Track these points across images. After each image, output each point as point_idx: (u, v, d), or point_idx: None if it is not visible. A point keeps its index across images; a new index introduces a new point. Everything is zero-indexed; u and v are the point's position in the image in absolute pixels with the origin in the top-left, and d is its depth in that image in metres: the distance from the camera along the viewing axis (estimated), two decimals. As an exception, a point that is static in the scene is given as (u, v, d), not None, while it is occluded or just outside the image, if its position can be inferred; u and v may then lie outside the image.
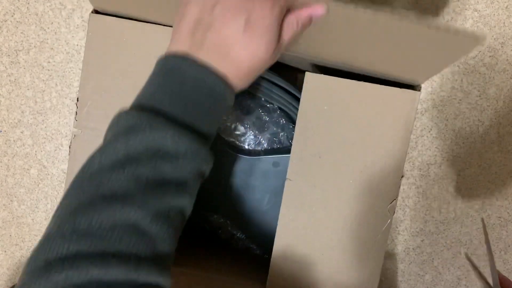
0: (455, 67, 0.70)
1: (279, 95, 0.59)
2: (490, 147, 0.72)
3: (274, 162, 0.62)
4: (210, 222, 0.70)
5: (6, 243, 0.84)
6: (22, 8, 0.74)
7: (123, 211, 0.33)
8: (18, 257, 0.84)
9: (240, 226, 0.66)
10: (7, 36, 0.74)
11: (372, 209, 0.54)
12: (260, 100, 0.63)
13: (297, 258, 0.56)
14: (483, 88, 0.71)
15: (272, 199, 0.64)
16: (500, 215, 0.74)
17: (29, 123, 0.77)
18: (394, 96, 0.52)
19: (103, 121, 0.41)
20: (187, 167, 0.36)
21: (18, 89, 0.76)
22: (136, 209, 0.34)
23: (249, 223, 0.65)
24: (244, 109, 0.63)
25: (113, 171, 0.34)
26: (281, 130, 0.63)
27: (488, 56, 0.70)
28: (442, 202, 0.74)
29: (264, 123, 0.63)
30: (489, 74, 0.70)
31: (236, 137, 0.63)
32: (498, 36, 0.69)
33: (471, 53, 0.69)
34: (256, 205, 0.64)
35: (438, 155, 0.73)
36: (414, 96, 0.52)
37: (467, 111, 0.71)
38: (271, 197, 0.64)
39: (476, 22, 0.69)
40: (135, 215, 0.34)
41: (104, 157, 0.35)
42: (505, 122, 0.71)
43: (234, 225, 0.67)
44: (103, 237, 0.33)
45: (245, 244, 0.69)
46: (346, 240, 0.55)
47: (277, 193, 0.63)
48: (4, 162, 0.78)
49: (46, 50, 0.75)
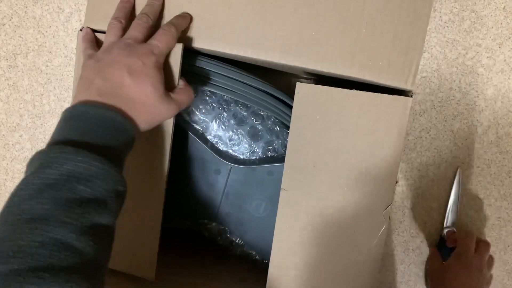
0: (453, 68, 0.70)
1: (271, 104, 0.59)
2: (488, 147, 0.72)
3: (268, 171, 0.62)
4: (209, 229, 0.70)
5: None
6: (20, 12, 0.74)
7: (49, 230, 0.36)
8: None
9: (238, 233, 0.66)
10: (5, 40, 0.74)
11: (367, 215, 0.54)
12: (253, 108, 0.63)
13: (294, 266, 0.56)
14: (481, 89, 0.71)
15: (268, 206, 0.64)
16: (500, 215, 0.74)
17: (28, 126, 0.77)
18: (385, 103, 0.52)
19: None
20: (102, 186, 0.40)
21: (16, 93, 0.76)
22: (61, 227, 0.37)
23: (247, 230, 0.66)
24: (237, 119, 0.63)
25: (33, 198, 0.38)
26: (276, 138, 0.64)
27: (485, 57, 0.70)
28: (441, 203, 0.74)
29: (258, 132, 0.63)
30: (487, 74, 0.70)
31: (231, 146, 0.63)
32: (496, 36, 0.69)
33: (468, 54, 0.70)
34: (253, 212, 0.64)
35: (437, 156, 0.73)
36: (405, 102, 0.52)
37: (465, 112, 0.72)
38: (267, 205, 0.64)
39: (473, 23, 0.69)
40: (61, 232, 0.37)
41: (23, 191, 0.39)
42: (504, 122, 0.71)
43: (233, 232, 0.67)
44: (33, 254, 0.35)
45: (244, 250, 0.70)
46: (343, 247, 0.55)
47: (273, 200, 0.64)
48: (3, 166, 0.78)
49: (44, 54, 0.75)
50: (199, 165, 0.62)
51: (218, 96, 0.63)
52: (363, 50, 0.51)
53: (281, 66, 0.57)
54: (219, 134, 0.63)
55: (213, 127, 0.62)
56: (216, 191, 0.64)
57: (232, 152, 0.63)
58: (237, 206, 0.64)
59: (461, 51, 0.70)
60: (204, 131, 0.63)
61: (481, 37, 0.69)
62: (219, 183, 0.63)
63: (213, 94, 0.63)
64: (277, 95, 0.59)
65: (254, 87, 0.59)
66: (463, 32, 0.69)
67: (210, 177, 0.63)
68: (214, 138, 0.63)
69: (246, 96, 0.58)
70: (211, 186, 0.63)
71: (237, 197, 0.64)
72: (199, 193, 0.63)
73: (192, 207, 0.64)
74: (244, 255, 0.70)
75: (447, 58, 0.70)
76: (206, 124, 0.62)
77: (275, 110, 0.59)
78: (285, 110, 0.60)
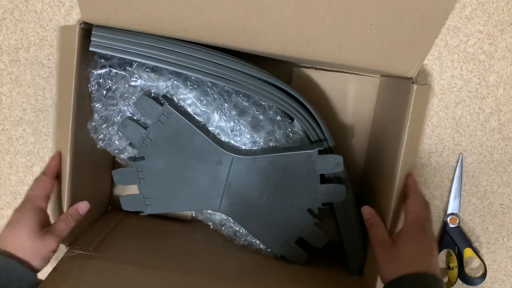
0: (454, 55, 0.70)
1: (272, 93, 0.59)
2: (491, 134, 0.72)
3: (270, 161, 0.62)
4: (213, 220, 0.70)
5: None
6: (20, 6, 0.74)
7: None
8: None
9: (242, 223, 0.67)
10: (7, 34, 0.75)
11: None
12: (254, 98, 0.63)
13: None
14: (483, 76, 0.71)
15: (271, 196, 0.64)
16: (503, 202, 0.74)
17: (31, 120, 0.77)
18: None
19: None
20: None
21: (19, 87, 0.76)
22: None
23: (251, 219, 0.66)
24: (239, 109, 0.63)
25: None
26: (278, 128, 0.64)
27: (487, 43, 0.70)
28: (444, 191, 0.74)
29: (260, 122, 0.63)
30: (488, 61, 0.70)
31: (233, 137, 0.63)
32: (497, 23, 0.69)
33: (470, 41, 0.69)
34: (256, 202, 0.64)
35: (439, 144, 0.73)
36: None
37: (467, 99, 0.71)
38: (270, 195, 0.64)
39: (474, 10, 0.68)
40: None
41: None
42: (506, 109, 0.71)
43: (236, 222, 0.67)
44: None
45: (248, 239, 0.70)
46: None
47: (276, 190, 0.64)
48: (7, 160, 0.79)
49: (46, 48, 0.75)
50: (201, 157, 0.63)
51: (219, 87, 0.63)
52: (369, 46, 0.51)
53: (281, 57, 0.58)
54: (220, 125, 0.63)
55: (215, 118, 0.63)
56: (219, 182, 0.64)
57: (234, 143, 0.64)
58: (240, 196, 0.64)
59: (462, 38, 0.70)
60: (205, 122, 0.63)
61: (482, 24, 0.69)
62: (221, 174, 0.63)
63: (214, 85, 0.63)
64: (278, 84, 0.59)
65: (255, 76, 0.59)
66: (464, 19, 0.69)
67: (212, 168, 0.63)
68: (215, 129, 0.63)
69: (247, 86, 0.58)
70: (214, 177, 0.64)
71: (239, 187, 0.64)
72: (201, 184, 0.64)
73: (195, 198, 0.65)
74: (248, 244, 0.70)
75: (448, 45, 0.70)
76: (207, 115, 0.63)
77: (276, 99, 0.59)
78: (286, 99, 0.60)
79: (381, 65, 0.53)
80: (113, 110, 0.63)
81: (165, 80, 0.61)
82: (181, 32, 0.54)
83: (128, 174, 0.64)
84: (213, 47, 0.57)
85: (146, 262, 0.61)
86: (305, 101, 0.60)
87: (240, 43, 0.54)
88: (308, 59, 0.55)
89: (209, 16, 0.52)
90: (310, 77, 0.72)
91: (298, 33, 0.51)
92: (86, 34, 0.57)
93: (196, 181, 0.64)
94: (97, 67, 0.61)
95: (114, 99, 0.62)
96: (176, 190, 0.64)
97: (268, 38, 0.53)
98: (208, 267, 0.64)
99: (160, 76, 0.61)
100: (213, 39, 0.55)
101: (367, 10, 0.48)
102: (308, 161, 0.62)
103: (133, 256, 0.63)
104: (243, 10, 0.51)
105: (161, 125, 0.61)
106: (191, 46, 0.57)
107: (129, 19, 0.54)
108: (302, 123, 0.61)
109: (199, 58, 0.57)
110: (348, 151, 0.75)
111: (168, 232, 0.75)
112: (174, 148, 0.62)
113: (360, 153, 0.75)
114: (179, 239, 0.73)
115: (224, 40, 0.54)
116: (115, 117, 0.63)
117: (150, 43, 0.56)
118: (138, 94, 0.62)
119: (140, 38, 0.56)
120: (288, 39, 0.52)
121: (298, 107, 0.60)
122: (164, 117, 0.61)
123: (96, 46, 0.57)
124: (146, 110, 0.61)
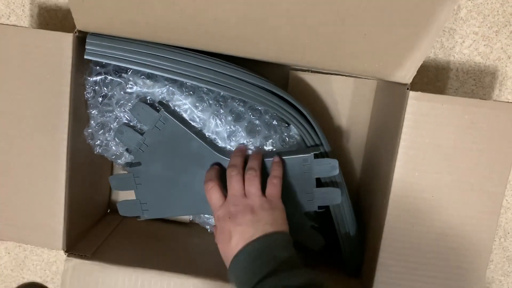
0: (450, 57, 0.70)
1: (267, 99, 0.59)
2: (487, 135, 0.72)
3: (266, 166, 0.63)
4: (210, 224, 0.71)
5: (10, 245, 0.85)
6: (17, 10, 0.74)
7: None
8: (22, 258, 0.85)
9: None
10: (3, 40, 0.75)
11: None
12: (250, 103, 0.63)
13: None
14: (478, 77, 0.71)
15: None
16: (499, 202, 0.74)
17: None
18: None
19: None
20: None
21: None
22: None
23: None
24: (235, 115, 0.63)
25: None
26: (274, 132, 0.64)
27: (482, 45, 0.70)
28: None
29: (256, 127, 0.63)
30: (484, 63, 0.70)
31: (229, 142, 0.63)
32: (492, 24, 0.69)
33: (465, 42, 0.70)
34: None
35: (435, 145, 0.73)
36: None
37: (463, 100, 0.72)
38: None
39: (470, 11, 0.69)
40: None
41: None
42: (502, 110, 0.71)
43: None
44: None
45: None
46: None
47: None
48: (6, 164, 0.79)
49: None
50: (197, 162, 0.63)
51: (215, 92, 0.63)
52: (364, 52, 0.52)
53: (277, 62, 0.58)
54: (217, 131, 0.63)
55: (211, 124, 0.63)
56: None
57: (230, 148, 0.64)
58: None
59: (458, 40, 0.70)
60: (201, 128, 0.63)
61: (477, 25, 0.69)
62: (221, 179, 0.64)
63: (209, 91, 0.63)
64: (273, 90, 0.59)
65: (250, 82, 0.59)
66: (459, 20, 0.69)
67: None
68: (212, 134, 0.63)
69: (242, 92, 0.58)
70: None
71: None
72: (198, 188, 0.64)
73: (192, 202, 0.65)
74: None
75: (444, 47, 0.70)
76: (203, 121, 0.63)
77: (272, 105, 0.60)
78: (281, 104, 0.60)
79: (376, 72, 0.53)
80: (110, 117, 0.63)
81: (160, 86, 0.61)
82: (176, 39, 0.55)
83: (125, 180, 0.64)
84: (207, 53, 0.57)
85: (145, 265, 0.62)
86: (301, 107, 0.60)
87: (235, 50, 0.55)
88: (303, 66, 0.55)
89: (203, 25, 0.52)
90: (306, 80, 0.72)
91: (293, 41, 0.51)
92: (81, 41, 0.57)
93: (192, 186, 0.64)
94: (92, 74, 0.61)
95: (110, 105, 0.63)
96: (173, 195, 0.65)
97: (262, 46, 0.53)
98: (207, 270, 0.65)
99: (155, 82, 0.61)
100: (208, 46, 0.55)
101: (361, 20, 0.49)
102: (304, 165, 0.62)
103: (132, 260, 0.64)
104: (237, 19, 0.51)
105: (157, 131, 0.62)
106: (186, 53, 0.57)
107: (123, 27, 0.54)
108: (298, 128, 0.61)
109: (194, 65, 0.57)
110: (345, 154, 0.75)
111: (167, 235, 0.76)
112: (170, 153, 0.63)
113: (357, 156, 0.76)
114: (178, 242, 0.73)
115: (218, 47, 0.55)
116: (111, 123, 0.63)
117: (145, 50, 0.57)
118: (134, 101, 0.62)
119: (134, 46, 0.57)
120: (282, 47, 0.52)
121: (294, 113, 0.60)
122: (160, 123, 0.61)
123: (91, 54, 0.57)
124: (142, 116, 0.61)
